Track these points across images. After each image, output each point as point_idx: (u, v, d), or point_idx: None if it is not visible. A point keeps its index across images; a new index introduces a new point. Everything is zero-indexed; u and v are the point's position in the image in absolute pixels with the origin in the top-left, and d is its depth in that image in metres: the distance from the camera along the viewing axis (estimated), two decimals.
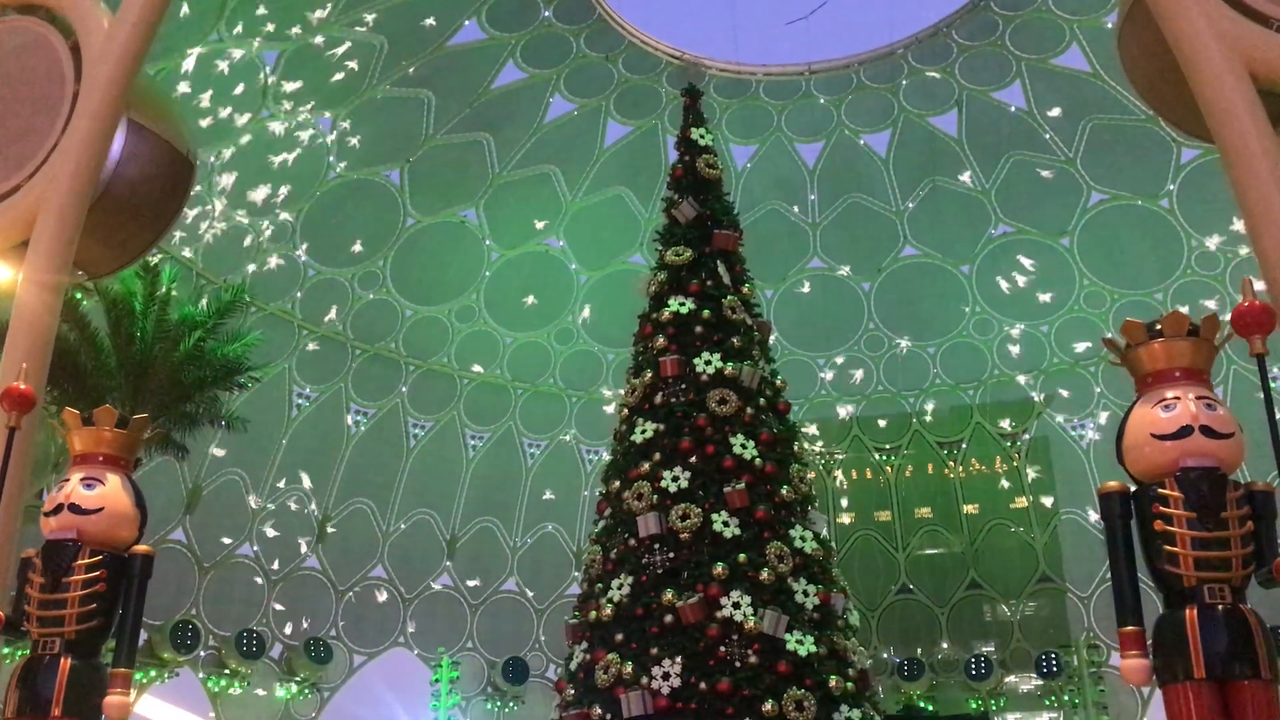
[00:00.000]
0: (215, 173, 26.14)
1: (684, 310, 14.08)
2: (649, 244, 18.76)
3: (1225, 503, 5.76)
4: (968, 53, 28.85)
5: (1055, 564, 31.29)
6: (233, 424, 23.28)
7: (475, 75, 28.73)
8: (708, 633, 11.60)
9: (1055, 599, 31.24)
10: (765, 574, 12.01)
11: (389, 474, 31.27)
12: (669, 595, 11.92)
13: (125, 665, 6.86)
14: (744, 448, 12.95)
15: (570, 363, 32.80)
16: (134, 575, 6.95)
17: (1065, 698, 28.93)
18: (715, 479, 12.74)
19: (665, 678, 11.43)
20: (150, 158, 8.42)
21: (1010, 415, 32.56)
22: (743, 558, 12.08)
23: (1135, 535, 6.07)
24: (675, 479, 12.74)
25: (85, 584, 6.73)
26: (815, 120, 31.14)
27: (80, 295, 20.12)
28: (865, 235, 32.30)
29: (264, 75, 25.59)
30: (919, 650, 31.20)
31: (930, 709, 30.17)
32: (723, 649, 11.56)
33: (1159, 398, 6.03)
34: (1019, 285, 31.27)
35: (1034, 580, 31.38)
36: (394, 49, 26.94)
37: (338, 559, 30.44)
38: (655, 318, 14.36)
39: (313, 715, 29.40)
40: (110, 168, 8.11)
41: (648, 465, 13.07)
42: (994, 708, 30.13)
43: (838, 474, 33.58)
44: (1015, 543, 31.97)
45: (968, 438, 32.99)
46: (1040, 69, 28.51)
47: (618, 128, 31.15)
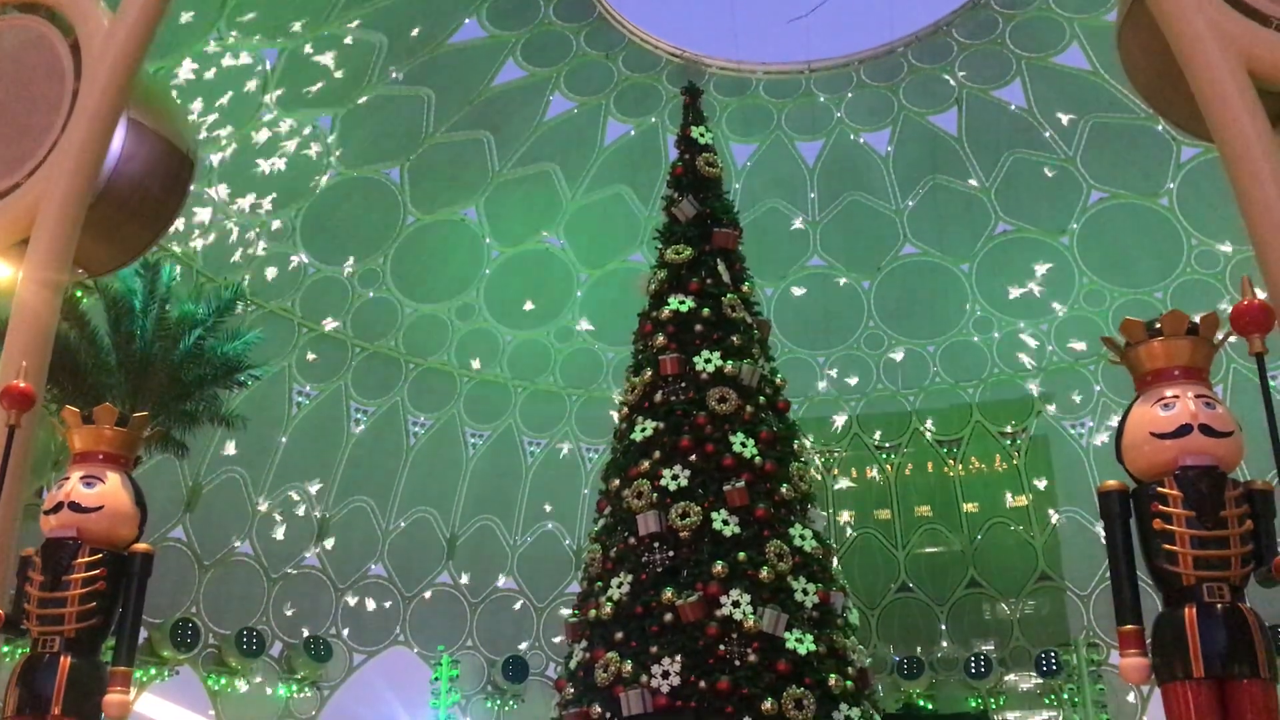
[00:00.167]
0: (215, 171, 26.12)
1: (684, 308, 14.11)
2: (649, 242, 18.75)
3: (1224, 501, 5.77)
4: (968, 51, 28.84)
5: (1055, 562, 31.28)
6: (232, 422, 23.28)
7: (475, 73, 28.70)
8: (707, 631, 11.62)
9: (1055, 597, 31.24)
10: (765, 572, 12.02)
11: (389, 472, 31.25)
12: (668, 594, 11.93)
13: (125, 663, 6.86)
14: (744, 446, 12.96)
15: (570, 361, 32.79)
16: (134, 573, 6.96)
17: (1065, 696, 28.91)
18: (715, 477, 12.76)
19: (665, 676, 11.45)
20: (150, 156, 8.41)
21: (1010, 414, 32.55)
22: (742, 556, 12.09)
23: (1134, 534, 6.08)
24: (675, 477, 12.76)
25: (85, 582, 6.73)
26: (815, 118, 31.12)
27: (80, 293, 20.13)
28: (865, 234, 32.26)
29: (264, 73, 25.59)
30: (918, 649, 31.20)
31: (930, 707, 30.16)
32: (722, 647, 11.58)
33: (1158, 396, 6.04)
34: (1019, 283, 31.25)
35: (1034, 579, 31.37)
36: (394, 47, 26.92)
37: (338, 557, 30.43)
38: (655, 316, 14.38)
39: (312, 713, 29.40)
40: (110, 166, 8.10)
41: (647, 463, 13.09)
42: (993, 706, 30.12)
43: (835, 472, 33.55)
44: (1015, 541, 31.96)
45: (967, 436, 32.99)
46: (1040, 67, 28.49)
47: (618, 126, 31.13)
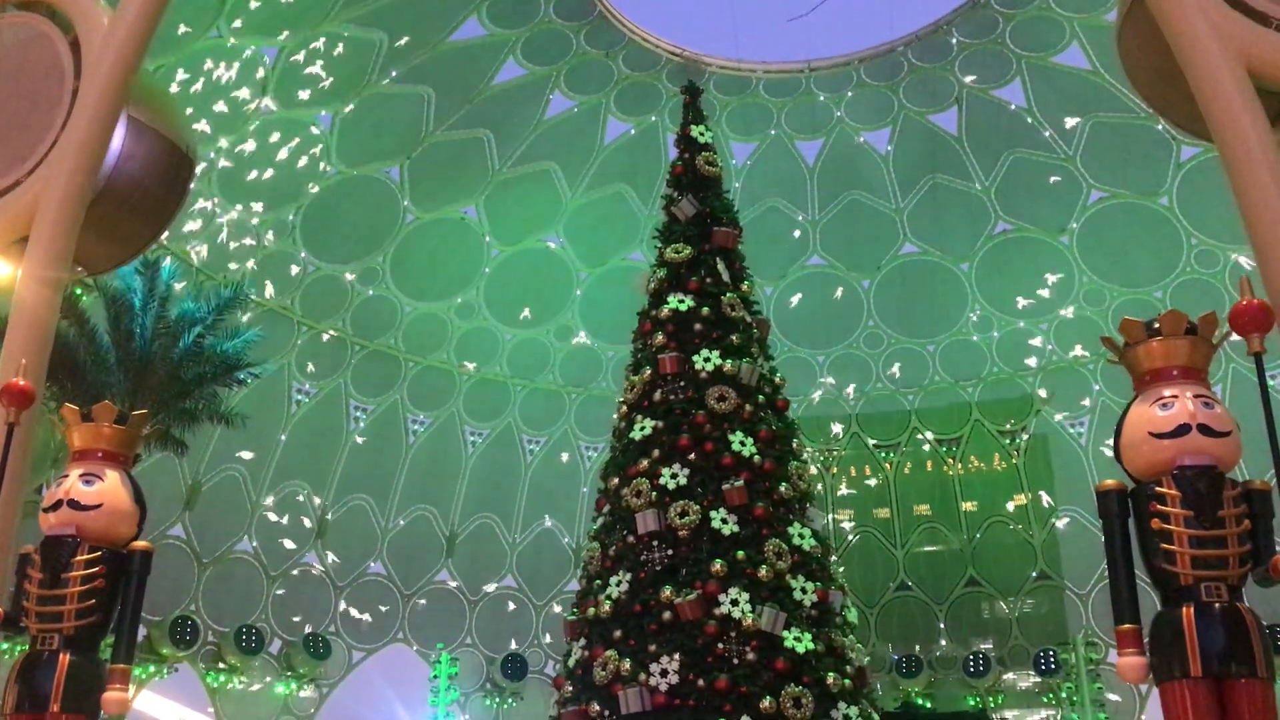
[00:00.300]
0: (215, 169, 26.12)
1: (683, 307, 14.11)
2: (649, 241, 18.75)
3: (1222, 501, 5.78)
4: (968, 50, 28.83)
5: (1053, 561, 31.26)
6: (231, 420, 23.28)
7: (475, 72, 28.68)
8: (706, 630, 11.62)
9: (1053, 596, 31.23)
10: (763, 571, 12.03)
11: (388, 470, 31.23)
12: (667, 592, 11.93)
13: (124, 661, 6.89)
14: (743, 445, 12.96)
15: (569, 359, 32.79)
16: (133, 571, 6.98)
17: (1063, 695, 28.92)
18: (714, 476, 12.75)
19: (663, 674, 11.45)
20: (150, 154, 8.42)
21: (1009, 413, 32.55)
22: (741, 555, 12.09)
23: (1133, 533, 6.08)
24: (674, 476, 12.76)
25: (84, 580, 6.75)
26: (815, 117, 31.11)
27: (80, 291, 20.11)
28: (865, 233, 32.24)
29: (264, 71, 25.58)
30: (917, 647, 31.19)
31: (928, 706, 30.13)
32: (721, 646, 11.58)
33: (1157, 396, 6.04)
34: (1018, 283, 31.25)
35: (1032, 578, 31.38)
36: (394, 45, 26.92)
37: (337, 555, 30.44)
38: (654, 315, 14.38)
39: (311, 711, 29.41)
40: (110, 164, 8.11)
41: (646, 462, 13.09)
42: (992, 705, 30.10)
43: (834, 471, 33.56)
44: (1014, 540, 31.95)
45: (967, 435, 32.98)
46: (1040, 67, 28.47)
47: (618, 125, 31.10)
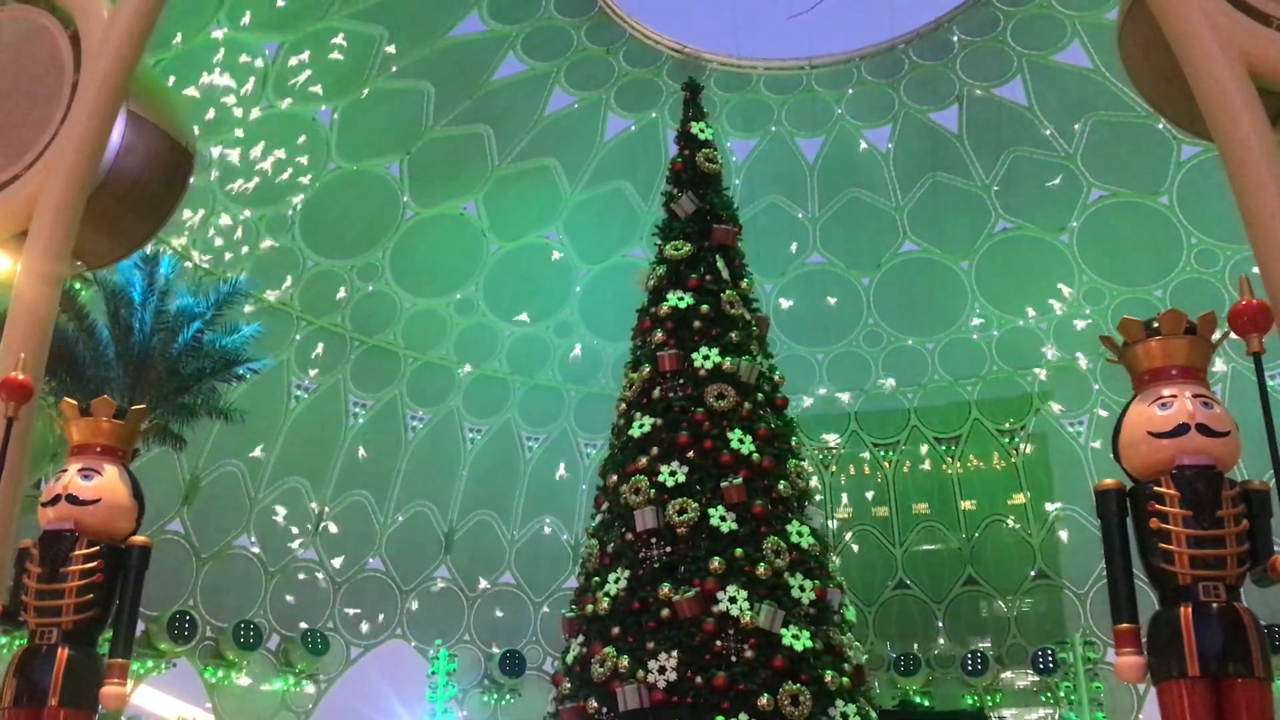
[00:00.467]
0: (214, 163, 26.08)
1: (682, 305, 14.12)
2: (648, 238, 18.73)
3: (1221, 501, 5.78)
4: (969, 48, 28.81)
5: (1052, 560, 31.29)
6: (230, 416, 23.27)
7: (475, 67, 28.64)
8: (704, 627, 11.63)
9: (1052, 595, 31.26)
10: (762, 569, 12.04)
11: (387, 466, 31.22)
12: (665, 589, 11.94)
13: (122, 656, 6.89)
14: (741, 443, 12.98)
15: (568, 356, 32.77)
16: (131, 566, 6.98)
17: (1061, 694, 28.96)
18: (713, 474, 12.77)
19: (661, 672, 11.46)
20: (150, 149, 8.40)
21: (1008, 411, 32.56)
22: (739, 552, 12.10)
23: (1131, 532, 6.08)
24: (673, 473, 12.77)
25: (82, 574, 6.75)
26: (815, 115, 31.08)
27: (79, 286, 20.12)
28: (865, 230, 32.23)
29: (263, 66, 25.54)
30: (915, 646, 31.21)
31: (926, 705, 30.16)
32: (719, 643, 11.60)
33: (1155, 395, 6.04)
34: (1018, 281, 31.23)
35: (1031, 577, 31.40)
36: (394, 40, 26.88)
37: (335, 551, 30.41)
38: (654, 312, 14.39)
39: (309, 707, 29.42)
40: (110, 158, 8.09)
41: (645, 460, 13.09)
42: (990, 703, 30.14)
43: (833, 469, 33.57)
44: (1012, 539, 31.97)
45: (966, 434, 32.98)
46: (1041, 65, 28.45)
47: (618, 121, 31.06)
